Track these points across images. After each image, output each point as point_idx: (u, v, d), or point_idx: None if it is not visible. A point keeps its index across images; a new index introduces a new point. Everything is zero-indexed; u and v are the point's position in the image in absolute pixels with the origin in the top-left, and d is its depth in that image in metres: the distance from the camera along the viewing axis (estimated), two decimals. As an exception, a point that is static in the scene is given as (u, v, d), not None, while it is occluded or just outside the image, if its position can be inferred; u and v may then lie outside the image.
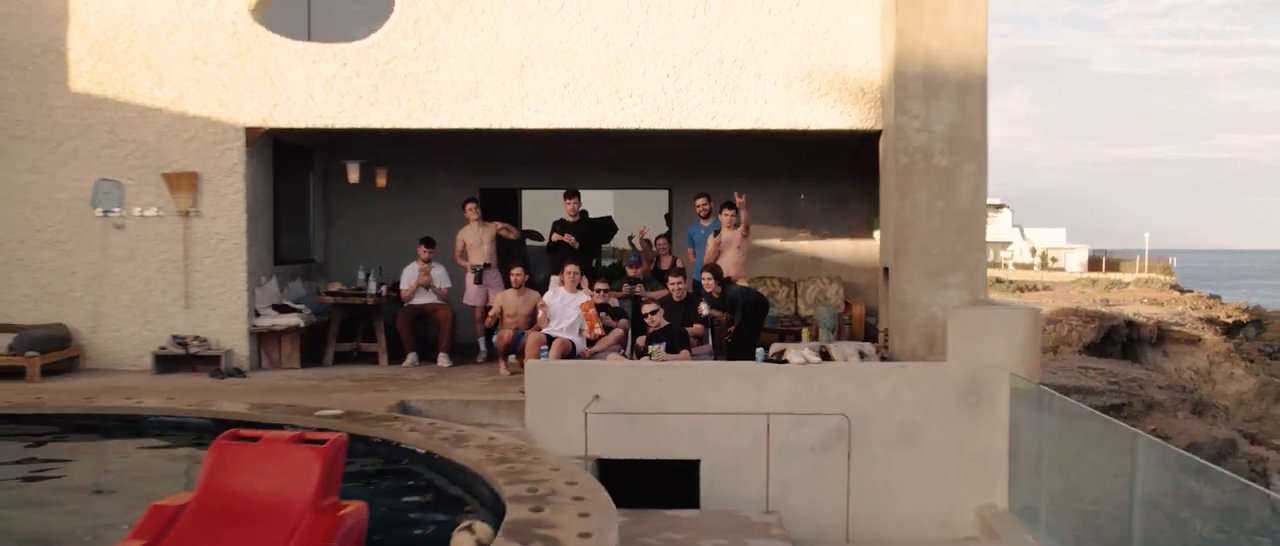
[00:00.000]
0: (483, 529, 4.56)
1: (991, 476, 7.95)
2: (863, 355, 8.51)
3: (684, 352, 8.78)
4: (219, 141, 10.04)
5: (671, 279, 9.62)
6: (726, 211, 10.18)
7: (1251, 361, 55.85)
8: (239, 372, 9.87)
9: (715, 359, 9.14)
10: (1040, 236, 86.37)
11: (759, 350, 8.51)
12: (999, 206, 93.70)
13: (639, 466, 7.85)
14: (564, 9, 9.91)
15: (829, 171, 12.44)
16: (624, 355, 9.13)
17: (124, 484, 6.79)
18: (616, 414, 7.98)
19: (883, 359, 8.81)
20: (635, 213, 12.85)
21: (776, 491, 7.82)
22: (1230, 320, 76.11)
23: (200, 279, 10.11)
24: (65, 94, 10.08)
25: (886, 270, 9.70)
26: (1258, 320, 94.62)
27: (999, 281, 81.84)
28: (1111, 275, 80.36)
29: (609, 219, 11.97)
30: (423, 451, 6.45)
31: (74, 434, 7.77)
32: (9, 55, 10.08)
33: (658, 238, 11.46)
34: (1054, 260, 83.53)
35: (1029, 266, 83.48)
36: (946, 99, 9.17)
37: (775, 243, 12.74)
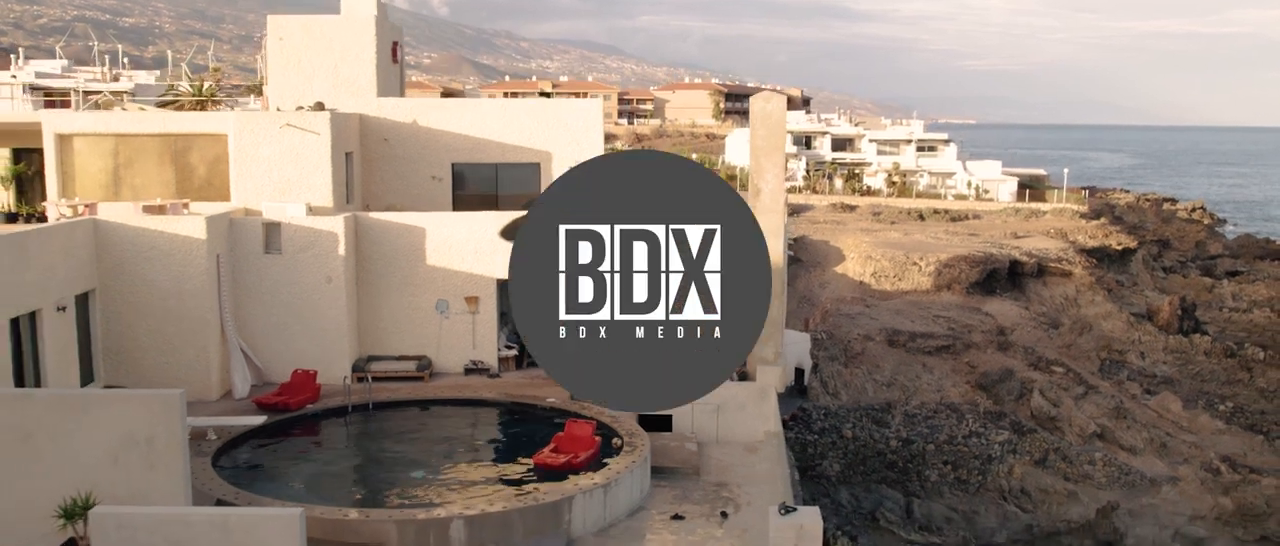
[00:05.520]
0: (618, 440, 20.40)
1: (769, 419, 23.69)
2: (730, 379, 24.22)
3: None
4: (485, 284, 25.58)
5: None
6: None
7: (1110, 291, 71.81)
8: (496, 375, 25.58)
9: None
10: (979, 168, 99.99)
11: (693, 375, 24.24)
12: (947, 141, 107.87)
13: (650, 417, 23.51)
14: (621, 234, 25.32)
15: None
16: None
17: (481, 419, 22.67)
18: (644, 398, 23.66)
19: (741, 378, 24.46)
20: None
21: (696, 425, 23.59)
22: (1120, 248, 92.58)
23: (479, 336, 25.76)
24: (423, 266, 25.54)
25: (745, 337, 25.40)
26: (1163, 240, 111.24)
27: (936, 212, 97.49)
28: (1034, 205, 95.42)
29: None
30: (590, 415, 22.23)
31: (458, 405, 23.56)
32: (401, 252, 25.48)
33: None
34: (986, 192, 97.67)
35: (965, 197, 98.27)
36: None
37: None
